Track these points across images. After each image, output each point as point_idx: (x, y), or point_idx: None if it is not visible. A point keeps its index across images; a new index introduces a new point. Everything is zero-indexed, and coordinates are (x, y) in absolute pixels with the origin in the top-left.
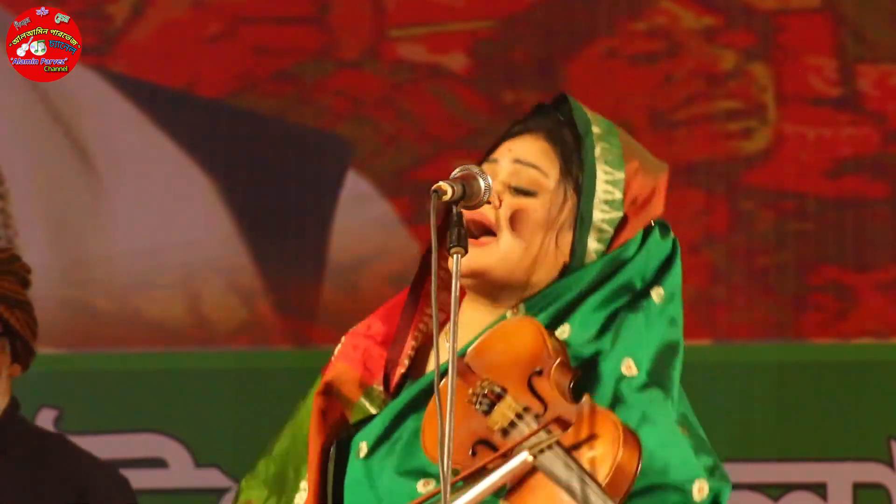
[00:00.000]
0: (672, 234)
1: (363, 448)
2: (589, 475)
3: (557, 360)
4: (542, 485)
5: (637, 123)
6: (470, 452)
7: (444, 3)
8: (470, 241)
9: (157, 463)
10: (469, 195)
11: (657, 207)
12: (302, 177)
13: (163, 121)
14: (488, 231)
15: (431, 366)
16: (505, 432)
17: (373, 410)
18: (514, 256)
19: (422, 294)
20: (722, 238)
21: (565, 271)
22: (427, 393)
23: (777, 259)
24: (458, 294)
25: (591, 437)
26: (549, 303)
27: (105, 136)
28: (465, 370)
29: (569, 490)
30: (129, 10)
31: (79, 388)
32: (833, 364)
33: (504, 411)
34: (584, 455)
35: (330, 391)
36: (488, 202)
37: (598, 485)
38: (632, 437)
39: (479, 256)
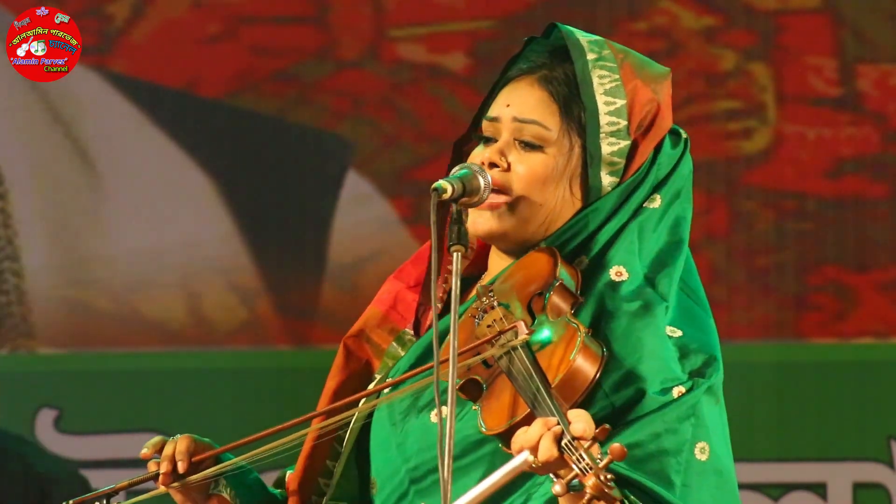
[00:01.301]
0: (683, 136)
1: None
2: (545, 380)
3: (558, 284)
4: (505, 389)
5: None
6: (466, 368)
7: (444, 3)
8: (482, 205)
9: None
10: (469, 192)
11: (664, 122)
12: (302, 177)
13: (163, 121)
14: (500, 190)
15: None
16: (492, 345)
17: (403, 354)
18: (529, 217)
19: (444, 236)
20: (722, 238)
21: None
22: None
23: (777, 259)
24: (457, 292)
25: (554, 345)
26: (569, 240)
27: (105, 136)
28: (484, 293)
29: (522, 392)
30: (129, 10)
31: (79, 388)
32: (833, 364)
33: (489, 321)
34: (545, 361)
35: (360, 336)
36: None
37: (551, 391)
38: (594, 346)
39: (493, 222)
